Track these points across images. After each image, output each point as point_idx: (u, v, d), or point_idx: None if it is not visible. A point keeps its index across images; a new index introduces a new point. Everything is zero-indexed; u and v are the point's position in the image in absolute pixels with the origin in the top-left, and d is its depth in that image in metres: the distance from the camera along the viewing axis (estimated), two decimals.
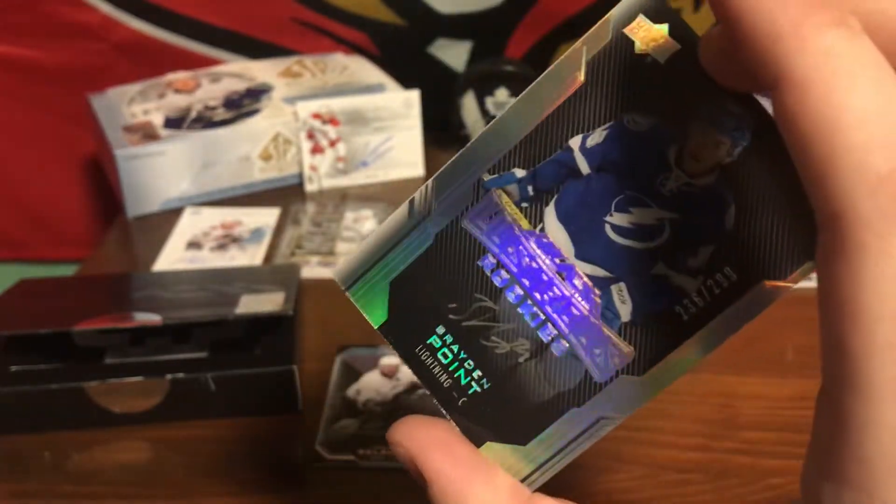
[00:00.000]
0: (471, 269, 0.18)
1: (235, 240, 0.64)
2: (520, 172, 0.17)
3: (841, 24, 0.14)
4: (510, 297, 0.18)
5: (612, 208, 0.17)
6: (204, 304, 0.48)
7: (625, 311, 0.17)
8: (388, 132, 0.72)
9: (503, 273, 0.18)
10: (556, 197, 0.17)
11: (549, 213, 0.17)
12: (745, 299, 0.17)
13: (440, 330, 0.18)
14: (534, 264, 0.17)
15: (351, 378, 0.48)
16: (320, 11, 0.78)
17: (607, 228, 0.17)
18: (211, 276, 0.54)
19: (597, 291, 0.17)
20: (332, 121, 0.70)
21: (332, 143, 0.71)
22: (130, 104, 0.70)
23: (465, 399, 0.18)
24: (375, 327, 0.20)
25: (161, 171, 0.66)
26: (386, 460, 0.42)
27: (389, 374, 0.49)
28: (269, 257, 0.62)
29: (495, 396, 0.18)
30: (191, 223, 0.66)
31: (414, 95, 0.71)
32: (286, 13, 0.78)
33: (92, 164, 0.83)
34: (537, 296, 0.18)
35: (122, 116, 0.68)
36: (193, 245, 0.63)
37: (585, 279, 0.17)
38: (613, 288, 0.17)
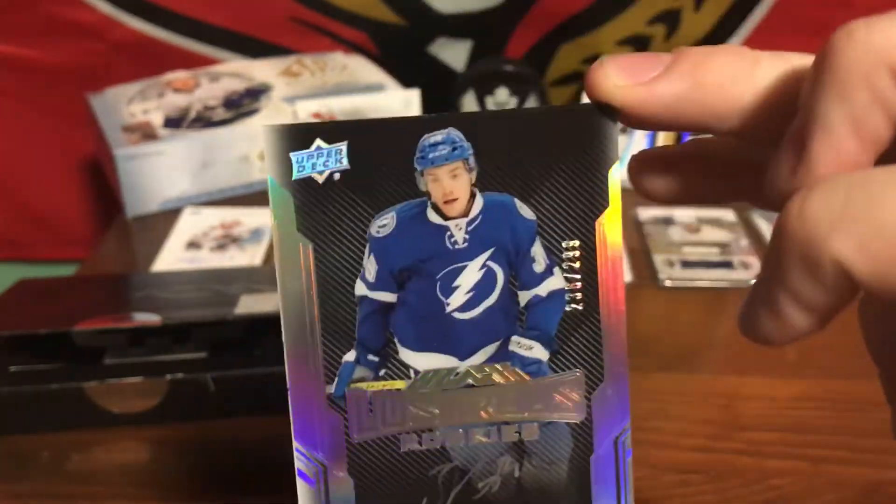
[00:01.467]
0: (405, 461, 0.17)
1: (235, 240, 0.64)
2: (349, 356, 0.17)
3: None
4: (455, 443, 0.17)
5: (443, 297, 0.17)
6: (203, 305, 0.48)
7: (538, 350, 0.17)
8: None
9: (432, 435, 0.17)
10: (396, 340, 0.17)
11: (407, 355, 0.17)
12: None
13: None
14: (439, 403, 0.17)
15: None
16: (320, 11, 0.78)
17: (456, 316, 0.17)
18: (210, 276, 0.54)
19: (505, 364, 0.17)
20: (331, 120, 0.70)
21: None
22: (130, 104, 0.70)
23: None
24: None
25: (160, 170, 0.66)
26: None
27: None
28: (268, 257, 0.62)
29: None
30: (190, 223, 0.66)
31: (414, 95, 0.71)
32: (286, 12, 0.78)
33: (91, 164, 0.83)
34: (470, 420, 0.17)
35: (121, 116, 0.68)
36: (193, 245, 0.63)
37: (488, 371, 0.17)
38: (512, 347, 0.17)
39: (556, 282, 0.17)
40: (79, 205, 0.86)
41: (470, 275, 0.17)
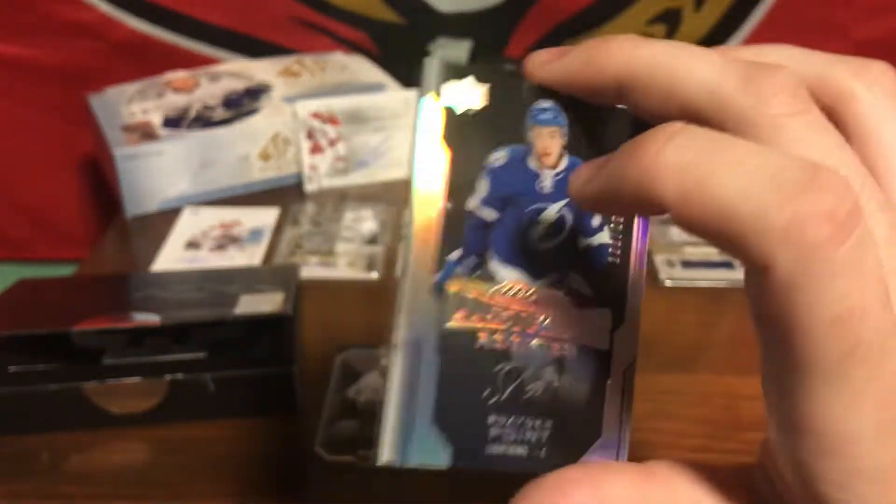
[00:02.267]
0: (479, 354, 0.21)
1: (234, 240, 0.64)
2: (454, 255, 0.20)
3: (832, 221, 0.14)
4: (517, 348, 0.21)
5: (528, 227, 0.21)
6: (203, 305, 0.48)
7: (585, 288, 0.21)
8: (388, 132, 0.71)
9: (502, 336, 0.21)
10: (490, 252, 0.21)
11: (496, 266, 0.21)
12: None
13: (492, 419, 0.21)
14: (512, 311, 0.21)
15: (351, 378, 0.48)
16: (320, 10, 0.78)
17: (536, 244, 0.21)
18: (210, 276, 0.54)
19: (560, 291, 0.21)
20: (331, 120, 0.70)
21: (332, 143, 0.71)
22: (129, 103, 0.70)
23: (544, 450, 0.21)
24: (446, 468, 0.21)
25: (160, 170, 0.66)
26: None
27: None
28: (268, 257, 0.62)
29: (562, 428, 0.21)
30: (190, 223, 0.66)
31: (414, 95, 0.71)
32: (285, 12, 0.78)
33: (90, 164, 0.83)
34: (531, 331, 0.21)
35: (120, 116, 0.68)
36: (192, 245, 0.63)
37: (548, 292, 0.21)
38: (569, 280, 0.21)
39: (604, 237, 0.21)
40: (78, 204, 0.86)
41: (549, 214, 0.21)
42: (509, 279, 0.21)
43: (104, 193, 0.74)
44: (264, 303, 0.46)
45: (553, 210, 0.21)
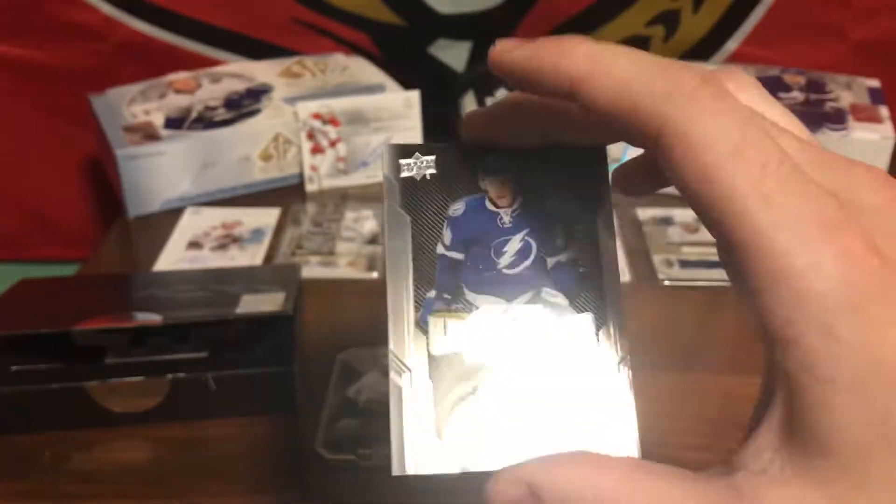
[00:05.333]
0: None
1: (236, 240, 0.64)
2: (431, 294, 0.24)
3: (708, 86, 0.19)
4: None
5: (496, 258, 0.24)
6: (204, 304, 0.48)
7: (560, 299, 0.24)
8: (389, 132, 0.72)
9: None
10: (462, 286, 0.24)
11: (471, 296, 0.24)
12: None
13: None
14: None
15: (351, 378, 0.48)
16: (321, 12, 0.78)
17: (504, 271, 0.24)
18: (211, 276, 0.54)
19: (537, 307, 0.24)
20: (332, 121, 0.70)
21: (333, 144, 0.71)
22: (131, 104, 0.70)
23: None
24: (456, 475, 0.23)
25: (162, 171, 0.66)
26: (386, 460, 0.42)
27: None
28: (269, 257, 0.62)
29: None
30: (191, 223, 0.66)
31: (414, 96, 0.71)
32: (286, 13, 0.78)
33: (93, 165, 0.83)
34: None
35: (122, 117, 0.69)
36: (194, 245, 0.63)
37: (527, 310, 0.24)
38: (543, 296, 0.24)
39: (570, 252, 0.24)
40: (80, 205, 0.86)
41: (513, 244, 0.24)
42: (485, 304, 0.24)
43: (106, 194, 0.75)
44: (265, 302, 0.46)
45: (517, 239, 0.24)
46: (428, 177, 0.25)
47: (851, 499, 0.18)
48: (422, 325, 0.23)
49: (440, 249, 0.24)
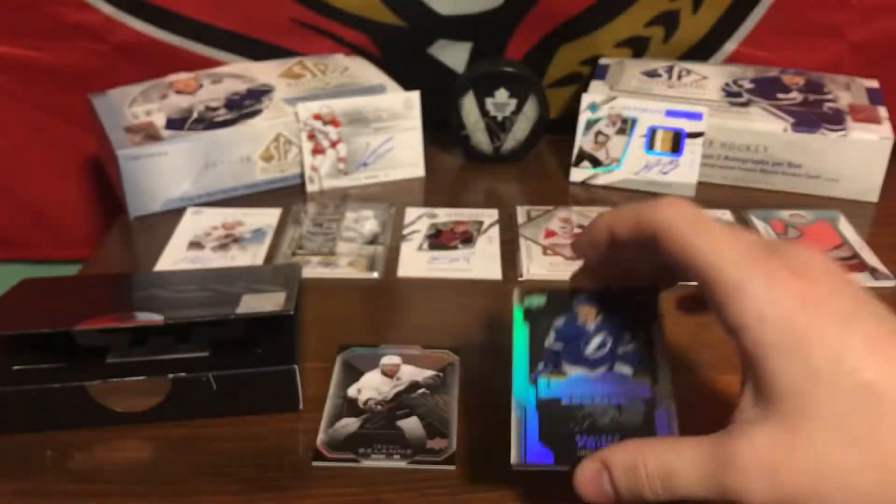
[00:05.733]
0: (564, 408, 0.38)
1: (237, 240, 0.64)
2: (540, 366, 0.39)
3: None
4: (587, 402, 0.38)
5: (584, 349, 0.39)
6: (205, 304, 0.48)
7: (626, 371, 0.39)
8: (389, 133, 0.72)
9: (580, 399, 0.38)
10: (562, 361, 0.39)
11: (566, 367, 0.39)
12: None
13: (578, 439, 0.37)
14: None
15: (352, 377, 0.48)
16: (321, 13, 0.78)
17: (588, 355, 0.39)
18: (212, 275, 0.54)
19: (611, 373, 0.39)
20: (332, 121, 0.70)
21: (333, 144, 0.71)
22: (132, 105, 0.70)
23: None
24: (552, 467, 0.36)
25: (163, 171, 0.67)
26: (387, 459, 0.43)
27: (390, 373, 0.49)
28: (270, 257, 0.62)
29: (627, 438, 0.36)
30: (192, 223, 0.66)
31: (414, 96, 0.71)
32: (287, 14, 0.78)
33: (94, 165, 0.83)
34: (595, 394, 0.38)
35: (123, 117, 0.69)
36: (195, 245, 0.63)
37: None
38: (615, 369, 0.39)
39: (633, 346, 0.39)
40: (81, 205, 0.86)
41: (595, 341, 0.39)
42: (575, 372, 0.38)
43: (107, 194, 0.75)
44: (266, 302, 0.47)
45: (597, 339, 0.39)
46: (541, 307, 0.40)
47: (799, 426, 0.29)
48: (534, 382, 0.38)
49: (547, 344, 0.39)
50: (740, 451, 0.30)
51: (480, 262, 0.61)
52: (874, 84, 0.76)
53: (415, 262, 0.61)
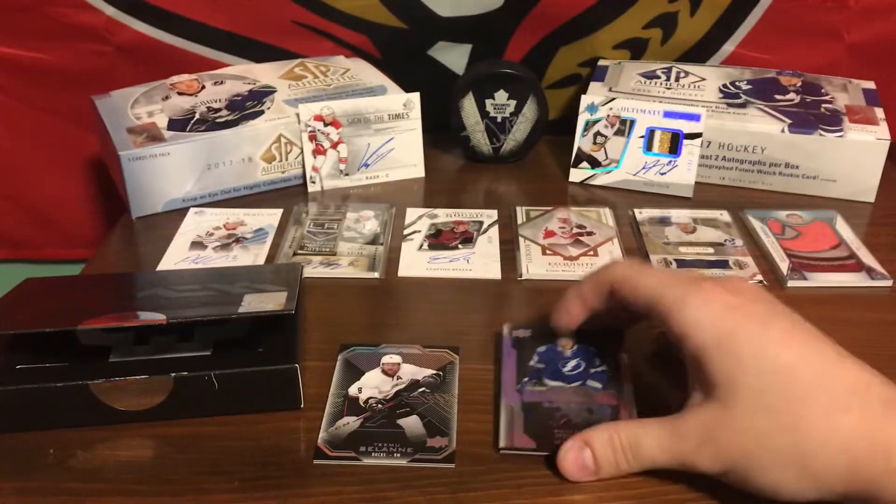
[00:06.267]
0: (545, 410, 0.46)
1: (239, 240, 0.65)
2: (524, 379, 0.48)
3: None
4: (564, 405, 0.46)
5: (562, 368, 0.48)
6: (207, 304, 0.48)
7: (597, 385, 0.47)
8: (389, 134, 0.72)
9: (556, 402, 0.46)
10: (543, 376, 0.48)
11: (547, 381, 0.47)
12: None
13: (556, 433, 0.44)
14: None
15: (353, 376, 0.49)
16: (322, 14, 0.79)
17: (566, 373, 0.48)
18: (214, 275, 0.54)
19: (583, 387, 0.48)
20: (333, 122, 0.71)
21: (334, 145, 0.71)
22: (134, 106, 0.71)
23: None
24: (534, 451, 0.44)
25: (165, 172, 0.67)
26: (387, 457, 0.43)
27: (391, 372, 0.49)
28: (271, 257, 0.63)
29: None
30: (194, 223, 0.67)
31: (414, 97, 0.72)
32: (288, 16, 0.79)
33: (96, 165, 0.84)
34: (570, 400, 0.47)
35: (126, 118, 0.69)
36: (197, 245, 0.64)
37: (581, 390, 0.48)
38: (588, 383, 0.47)
39: (604, 367, 0.48)
40: (84, 205, 0.86)
41: (571, 363, 0.48)
42: (554, 384, 0.47)
43: (110, 194, 0.75)
44: (268, 301, 0.47)
45: (573, 361, 0.48)
46: (526, 337, 0.50)
47: (731, 402, 0.37)
48: (519, 391, 0.46)
49: (531, 363, 0.48)
50: (689, 425, 0.39)
51: (480, 261, 0.62)
52: (871, 85, 0.76)
53: (415, 262, 0.62)
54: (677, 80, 0.77)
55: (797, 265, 0.60)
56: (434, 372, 0.49)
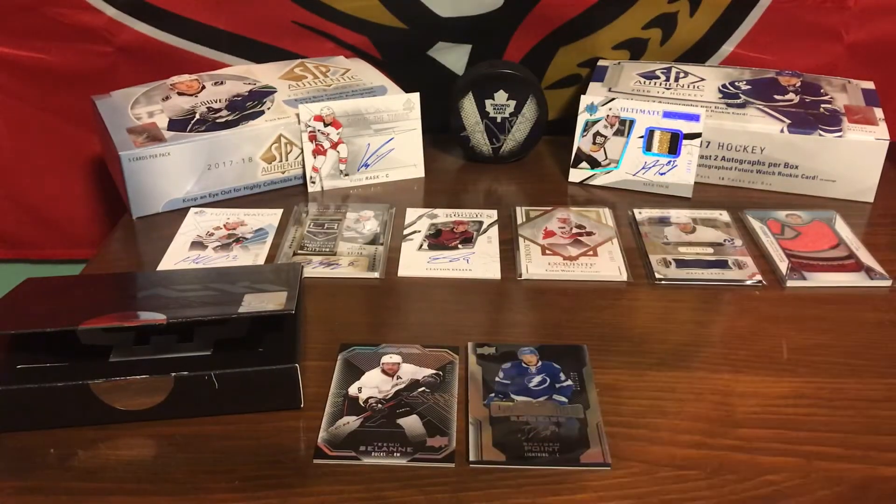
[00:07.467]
0: (513, 424, 0.47)
1: (239, 240, 0.65)
2: (491, 395, 0.48)
3: None
4: (531, 419, 0.47)
5: (527, 383, 0.50)
6: (208, 303, 0.48)
7: (563, 399, 0.49)
8: (389, 134, 0.72)
9: (519, 415, 0.48)
10: (509, 392, 0.49)
11: (513, 396, 0.48)
12: None
13: (526, 445, 0.45)
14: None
15: (353, 376, 0.49)
16: (322, 15, 0.79)
17: (532, 388, 0.49)
18: (215, 275, 0.54)
19: (550, 402, 0.49)
20: (333, 123, 0.71)
21: (334, 145, 0.71)
22: (135, 106, 0.71)
23: (557, 455, 0.45)
24: (504, 463, 0.44)
25: (165, 172, 0.67)
26: (387, 456, 0.43)
27: (391, 371, 0.49)
28: (271, 257, 0.63)
29: (564, 445, 0.46)
30: (195, 223, 0.67)
31: (414, 98, 0.72)
32: (288, 17, 0.79)
33: (97, 166, 0.84)
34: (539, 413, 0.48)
35: (126, 118, 0.69)
36: (197, 245, 0.64)
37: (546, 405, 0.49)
38: (554, 397, 0.49)
39: (569, 382, 0.49)
40: (85, 205, 0.86)
41: (536, 379, 0.49)
42: (521, 398, 0.48)
43: (110, 194, 0.75)
44: (268, 301, 0.47)
45: (539, 377, 0.50)
46: (492, 355, 0.51)
47: None
48: (486, 406, 0.47)
49: (497, 378, 0.49)
50: None
51: (480, 261, 0.62)
52: (870, 85, 0.76)
53: (415, 262, 0.62)
54: (677, 80, 0.77)
55: (796, 265, 0.60)
56: (434, 371, 0.49)
